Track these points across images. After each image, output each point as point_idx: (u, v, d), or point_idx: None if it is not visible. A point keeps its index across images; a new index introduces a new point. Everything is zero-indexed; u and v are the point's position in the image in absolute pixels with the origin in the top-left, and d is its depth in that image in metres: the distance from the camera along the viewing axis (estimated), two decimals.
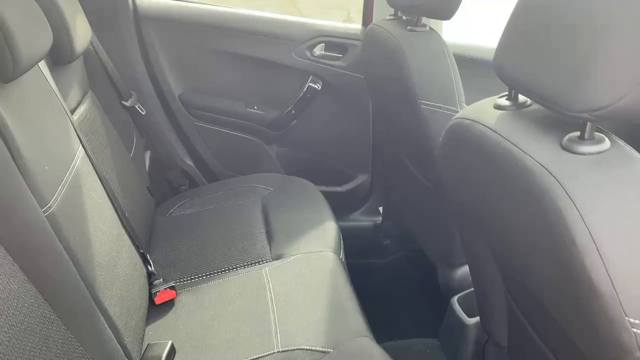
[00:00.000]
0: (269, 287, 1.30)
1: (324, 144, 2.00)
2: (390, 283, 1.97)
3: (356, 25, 1.89)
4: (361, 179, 2.04)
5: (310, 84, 1.88)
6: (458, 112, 1.26)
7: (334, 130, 1.98)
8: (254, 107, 1.93)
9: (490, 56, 0.81)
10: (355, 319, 1.21)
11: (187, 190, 1.93)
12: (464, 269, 1.45)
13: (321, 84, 1.89)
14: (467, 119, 0.84)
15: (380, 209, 2.07)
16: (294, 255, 1.42)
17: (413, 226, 1.77)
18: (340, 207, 2.02)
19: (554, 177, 0.64)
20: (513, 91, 0.80)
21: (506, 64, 0.76)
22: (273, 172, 1.91)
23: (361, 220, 2.08)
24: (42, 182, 0.90)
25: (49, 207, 0.91)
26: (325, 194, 1.78)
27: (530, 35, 0.71)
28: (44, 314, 0.86)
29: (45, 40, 0.99)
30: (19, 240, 0.85)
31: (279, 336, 1.15)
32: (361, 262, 2.03)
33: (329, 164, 2.03)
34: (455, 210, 1.04)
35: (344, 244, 1.61)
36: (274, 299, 1.26)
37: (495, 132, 0.76)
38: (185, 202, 1.75)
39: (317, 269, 1.36)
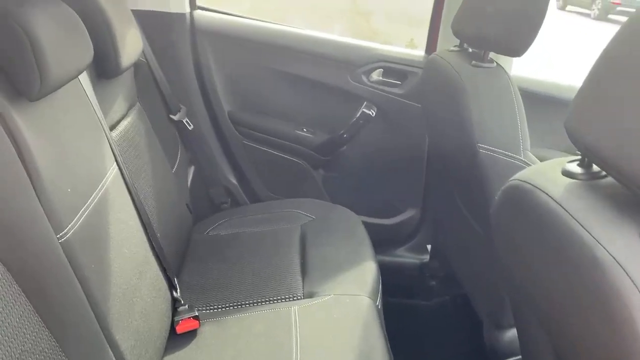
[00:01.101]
0: (296, 329, 1.22)
1: (373, 173, 1.90)
2: (431, 328, 1.84)
3: (419, 52, 1.78)
4: (410, 213, 1.93)
5: (364, 110, 1.79)
6: (521, 160, 1.14)
7: (385, 160, 1.87)
8: (303, 129, 1.86)
9: (562, 94, 0.68)
10: None
11: (228, 208, 1.88)
12: (513, 332, 1.30)
13: (376, 110, 1.79)
14: (529, 183, 0.72)
15: (428, 247, 1.94)
16: (327, 295, 1.32)
17: (462, 272, 1.63)
18: (384, 240, 1.93)
19: (629, 277, 0.52)
20: (586, 159, 0.67)
21: (580, 127, 0.63)
22: (317, 198, 1.83)
23: (406, 257, 1.96)
24: (60, 207, 0.86)
25: (65, 233, 0.86)
26: (370, 226, 1.68)
27: (612, 97, 0.59)
28: (45, 347, 0.81)
29: (82, 57, 0.96)
30: (28, 266, 0.81)
31: None
32: (402, 302, 1.92)
33: (376, 195, 1.93)
34: (504, 270, 0.92)
35: (386, 280, 1.50)
36: (299, 342, 1.17)
37: (561, 206, 0.64)
38: (224, 222, 1.70)
39: (349, 314, 1.26)
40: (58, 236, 0.85)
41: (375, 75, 1.78)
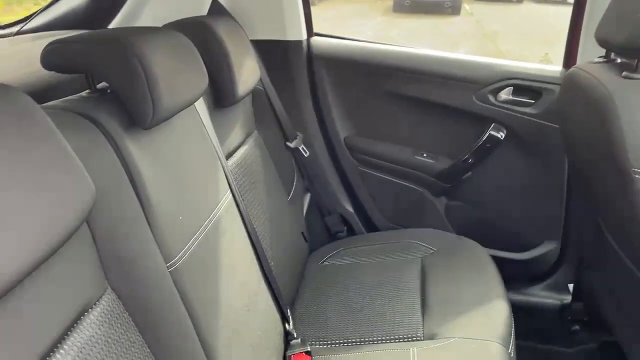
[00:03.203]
0: None
1: (503, 202, 1.72)
2: None
3: (555, 67, 1.59)
4: (548, 247, 1.71)
5: (492, 132, 1.63)
6: None
7: (518, 187, 1.69)
8: (423, 154, 1.74)
9: None
10: None
11: (344, 237, 1.82)
12: None
13: (505, 132, 1.63)
14: None
15: (570, 286, 1.70)
16: (450, 338, 1.19)
17: (613, 317, 1.39)
18: (517, 277, 1.73)
19: None
20: None
21: None
22: (439, 229, 1.69)
23: (543, 296, 1.73)
24: (171, 235, 0.85)
25: (175, 262, 0.85)
26: (500, 261, 1.51)
27: None
28: None
29: (196, 86, 0.96)
30: (137, 296, 0.80)
31: None
32: (538, 347, 1.69)
33: (508, 226, 1.74)
34: None
35: (518, 322, 1.32)
36: None
37: None
38: (340, 251, 1.64)
39: None
40: (168, 265, 0.83)
41: (505, 94, 1.62)
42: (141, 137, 0.84)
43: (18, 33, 1.40)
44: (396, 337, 1.24)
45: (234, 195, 1.14)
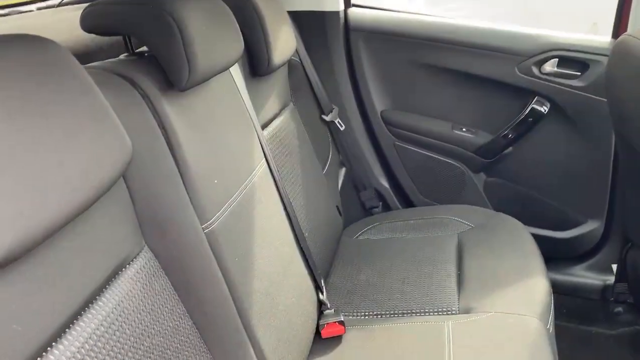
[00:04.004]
0: (449, 346, 1.08)
1: (545, 178, 1.67)
2: None
3: (603, 38, 1.52)
4: (591, 225, 1.65)
5: (535, 106, 1.58)
6: None
7: (561, 163, 1.63)
8: (462, 129, 1.70)
9: None
10: None
11: (379, 213, 1.80)
12: None
13: (549, 106, 1.57)
14: None
15: (614, 267, 1.64)
16: (486, 312, 1.16)
17: None
18: (557, 257, 1.68)
19: None
20: None
21: None
22: (476, 205, 1.66)
23: (585, 276, 1.68)
24: (206, 197, 0.86)
25: (210, 224, 0.85)
26: (540, 239, 1.47)
27: None
28: (187, 336, 0.81)
29: (232, 50, 0.95)
30: (174, 256, 0.81)
31: None
32: (578, 328, 1.65)
33: (549, 204, 1.69)
34: None
35: (558, 302, 1.28)
36: None
37: None
38: (375, 226, 1.62)
39: (513, 336, 1.09)
40: (203, 226, 0.84)
41: (549, 67, 1.56)
42: (178, 99, 0.85)
43: (60, 5, 1.43)
44: (430, 310, 1.22)
45: (269, 165, 1.14)
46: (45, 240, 0.55)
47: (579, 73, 1.52)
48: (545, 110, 1.58)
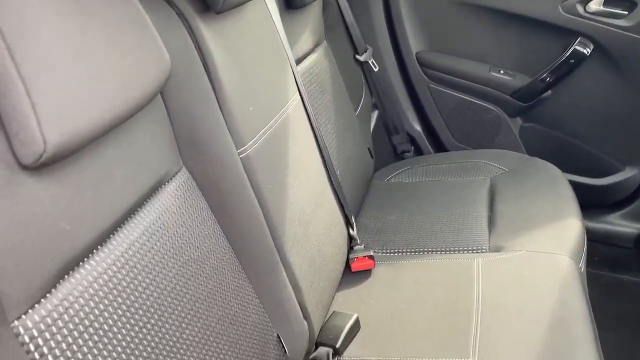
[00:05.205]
0: (478, 282, 1.09)
1: (583, 124, 1.62)
2: None
3: None
4: (629, 173, 1.61)
5: (577, 47, 1.52)
6: None
7: (602, 108, 1.58)
8: (500, 71, 1.65)
9: None
10: (585, 350, 0.91)
11: (411, 157, 1.79)
12: None
13: (592, 47, 1.51)
14: None
15: None
16: (517, 251, 1.16)
17: None
18: (592, 204, 1.65)
19: None
20: None
21: None
22: (512, 150, 1.63)
23: (620, 224, 1.65)
24: (242, 122, 0.86)
25: (245, 149, 0.86)
26: (576, 185, 1.44)
27: None
28: (223, 255, 0.83)
29: None
30: (210, 176, 0.83)
31: (477, 345, 0.94)
32: (611, 277, 1.63)
33: (587, 150, 1.64)
34: None
35: (590, 251, 1.27)
36: (481, 297, 1.05)
37: None
38: (406, 170, 1.62)
39: (544, 274, 1.09)
40: (239, 151, 0.85)
41: (595, 5, 1.49)
42: (213, 22, 0.85)
43: None
44: (460, 248, 1.23)
45: (302, 98, 1.14)
46: (90, 141, 0.57)
47: (626, 12, 1.45)
48: (588, 52, 1.52)
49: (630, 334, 1.42)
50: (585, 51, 1.52)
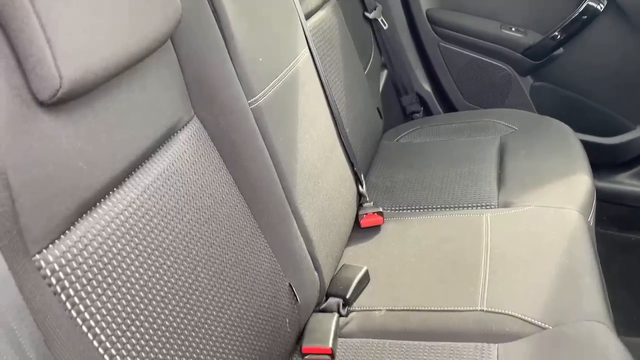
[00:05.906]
0: (487, 236, 1.10)
1: (595, 82, 1.60)
2: None
3: None
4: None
5: (590, 3, 1.49)
6: None
7: (614, 66, 1.56)
8: (511, 28, 1.63)
9: None
10: (592, 299, 0.93)
11: (420, 118, 1.78)
12: None
13: (605, 3, 1.48)
14: None
15: None
16: (526, 206, 1.17)
17: None
18: (602, 163, 1.64)
19: None
20: None
21: None
22: (522, 109, 1.62)
23: (630, 184, 1.64)
24: (252, 72, 0.86)
25: (256, 100, 0.87)
26: (585, 145, 1.43)
27: None
28: (236, 204, 0.85)
29: None
30: (221, 126, 0.83)
31: (485, 294, 0.95)
32: (619, 235, 1.64)
33: (596, 108, 1.63)
34: None
35: (601, 208, 1.27)
36: (490, 249, 1.06)
37: None
38: (415, 130, 1.62)
39: (552, 227, 1.10)
40: (249, 101, 0.86)
41: None
42: None
43: None
44: (469, 204, 1.23)
45: (311, 53, 1.14)
46: (104, 80, 0.57)
47: None
48: (601, 8, 1.49)
49: (637, 290, 1.44)
50: (598, 7, 1.49)
